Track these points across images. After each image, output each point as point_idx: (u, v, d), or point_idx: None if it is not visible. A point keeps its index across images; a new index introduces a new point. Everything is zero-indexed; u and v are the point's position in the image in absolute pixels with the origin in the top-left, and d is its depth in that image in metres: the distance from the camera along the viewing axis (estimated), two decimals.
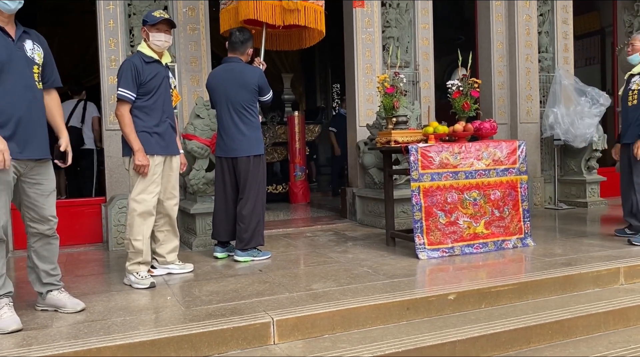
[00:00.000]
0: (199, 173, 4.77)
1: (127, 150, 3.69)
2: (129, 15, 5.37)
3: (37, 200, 2.99)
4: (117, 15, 5.26)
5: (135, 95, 3.66)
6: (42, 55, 3.03)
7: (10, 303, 2.87)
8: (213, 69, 4.58)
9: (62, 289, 3.17)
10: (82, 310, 3.09)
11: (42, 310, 3.13)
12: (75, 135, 7.24)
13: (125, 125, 3.65)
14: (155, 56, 3.75)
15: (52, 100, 3.13)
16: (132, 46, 5.39)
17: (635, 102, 4.59)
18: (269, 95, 4.33)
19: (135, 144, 3.62)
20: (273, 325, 2.82)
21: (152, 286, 3.59)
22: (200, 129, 4.77)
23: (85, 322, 2.88)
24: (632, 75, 4.68)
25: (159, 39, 3.72)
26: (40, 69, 3.01)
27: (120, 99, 3.65)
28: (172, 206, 3.91)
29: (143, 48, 3.76)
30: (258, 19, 4.51)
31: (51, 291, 3.11)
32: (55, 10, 9.69)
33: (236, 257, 4.26)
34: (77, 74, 10.02)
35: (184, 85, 5.54)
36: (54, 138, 3.16)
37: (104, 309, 3.13)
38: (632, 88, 4.63)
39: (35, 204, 2.98)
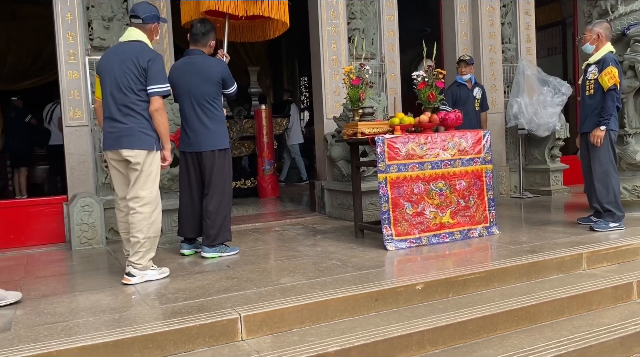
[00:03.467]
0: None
1: (147, 144, 3.51)
2: (87, 8, 5.22)
3: None
4: (74, 8, 5.10)
5: None
6: None
7: None
8: (174, 62, 4.48)
9: None
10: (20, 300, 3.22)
11: None
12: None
13: (166, 121, 3.60)
14: None
15: None
16: (91, 39, 5.24)
17: (592, 91, 4.67)
18: (233, 88, 4.26)
19: (169, 142, 3.65)
20: (240, 321, 2.78)
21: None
22: None
23: (46, 325, 2.78)
24: (589, 65, 4.75)
25: None
26: None
27: (163, 96, 3.55)
28: None
29: (149, 44, 3.63)
30: (219, 9, 4.44)
31: None
32: (11, 3, 9.37)
33: (203, 254, 4.20)
34: (37, 71, 9.76)
35: None
36: None
37: (65, 310, 3.04)
38: (589, 78, 4.71)
39: None
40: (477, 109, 6.24)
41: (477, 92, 6.25)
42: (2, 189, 8.84)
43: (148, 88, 3.50)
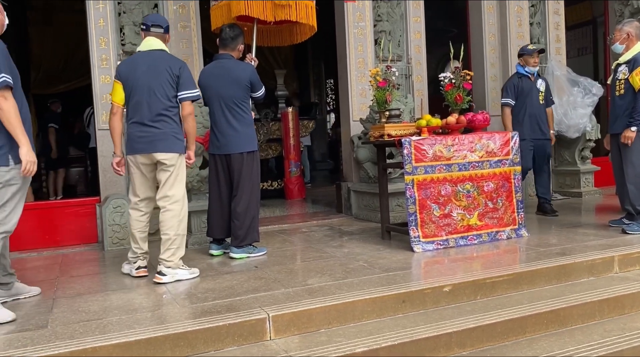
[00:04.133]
0: (192, 171, 4.75)
1: (179, 147, 3.70)
2: (119, 14, 5.34)
3: None
4: (107, 14, 5.23)
5: None
6: None
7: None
8: (204, 66, 4.56)
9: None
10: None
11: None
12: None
13: (195, 124, 3.88)
14: None
15: None
16: (123, 45, 5.36)
17: (622, 91, 4.59)
18: (261, 91, 4.32)
19: (195, 143, 3.90)
20: (269, 321, 2.82)
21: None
22: None
23: (81, 322, 2.87)
24: (619, 65, 4.67)
25: None
26: None
27: (194, 100, 3.77)
28: None
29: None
30: (250, 15, 4.51)
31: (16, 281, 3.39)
32: (44, 9, 9.64)
33: (232, 254, 4.26)
34: (69, 75, 10.02)
35: None
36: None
37: (99, 308, 3.13)
38: (619, 77, 4.62)
39: None
40: (541, 102, 5.65)
41: (540, 85, 5.66)
42: (36, 191, 9.11)
43: (181, 93, 3.69)
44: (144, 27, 3.82)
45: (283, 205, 7.57)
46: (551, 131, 5.80)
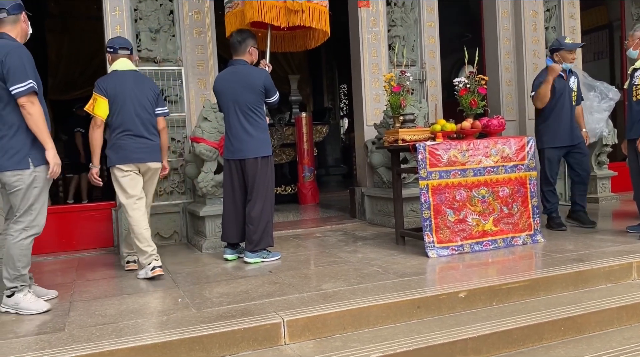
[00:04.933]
0: (207, 176, 4.78)
1: (160, 157, 4.23)
2: (135, 20, 5.40)
3: None
4: (123, 21, 5.28)
5: None
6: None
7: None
8: (219, 72, 4.60)
9: None
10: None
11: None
12: None
13: (168, 137, 4.51)
14: None
15: None
16: (139, 51, 5.41)
17: (639, 96, 4.53)
18: (275, 97, 4.34)
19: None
20: (284, 325, 2.82)
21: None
22: (208, 132, 4.79)
23: (97, 326, 2.90)
24: (635, 70, 4.62)
25: None
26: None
27: (165, 116, 4.34)
28: None
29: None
30: (263, 20, 4.52)
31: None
32: (62, 17, 9.78)
33: (246, 259, 4.27)
34: (86, 81, 10.13)
35: (191, 89, 5.55)
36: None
37: (115, 312, 3.15)
38: (636, 82, 4.56)
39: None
40: (574, 103, 5.17)
41: (573, 83, 5.16)
42: (54, 195, 9.19)
43: (158, 109, 4.19)
44: (111, 50, 4.16)
45: (297, 210, 7.58)
46: (583, 129, 5.37)
